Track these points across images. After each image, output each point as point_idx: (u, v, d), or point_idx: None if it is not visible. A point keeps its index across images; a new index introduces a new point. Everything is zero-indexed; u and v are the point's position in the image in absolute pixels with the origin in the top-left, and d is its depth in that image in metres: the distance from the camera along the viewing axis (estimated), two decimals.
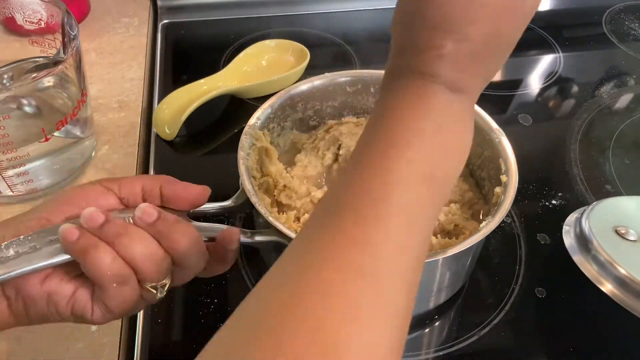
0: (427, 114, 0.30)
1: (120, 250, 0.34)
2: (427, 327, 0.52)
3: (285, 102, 0.56)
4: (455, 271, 0.49)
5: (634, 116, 0.75)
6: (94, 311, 0.36)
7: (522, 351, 0.50)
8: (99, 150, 0.65)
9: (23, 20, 0.58)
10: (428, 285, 0.48)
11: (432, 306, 0.51)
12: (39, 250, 0.34)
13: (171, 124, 0.66)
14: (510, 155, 0.50)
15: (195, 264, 0.38)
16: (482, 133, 0.52)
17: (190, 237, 0.36)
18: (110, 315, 0.36)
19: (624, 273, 0.47)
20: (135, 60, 0.77)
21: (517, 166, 0.49)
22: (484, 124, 0.52)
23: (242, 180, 0.46)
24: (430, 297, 0.50)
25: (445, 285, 0.49)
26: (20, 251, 0.34)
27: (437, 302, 0.51)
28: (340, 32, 0.85)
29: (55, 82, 0.57)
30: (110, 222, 0.34)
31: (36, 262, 0.34)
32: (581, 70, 0.82)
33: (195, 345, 0.48)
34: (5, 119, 0.51)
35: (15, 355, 0.47)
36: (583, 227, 0.51)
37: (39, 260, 0.34)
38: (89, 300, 0.35)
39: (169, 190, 0.39)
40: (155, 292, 0.36)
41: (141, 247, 0.34)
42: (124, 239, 0.34)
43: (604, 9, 0.94)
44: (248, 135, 0.51)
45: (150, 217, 0.35)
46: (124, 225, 0.35)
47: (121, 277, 0.34)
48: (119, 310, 0.35)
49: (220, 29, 0.86)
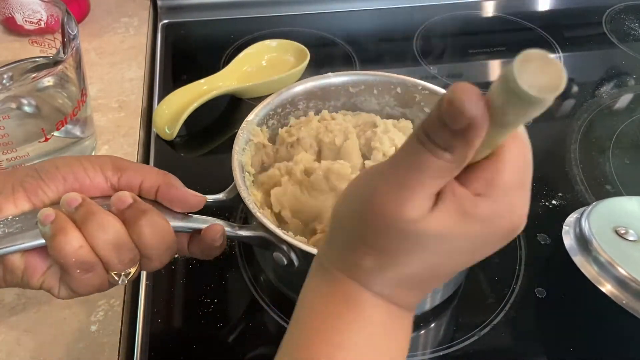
0: (354, 324, 0.29)
1: (87, 237, 0.35)
2: (426, 328, 0.52)
3: (286, 99, 0.56)
4: None
5: (634, 116, 0.75)
6: (60, 289, 0.37)
7: (522, 351, 0.50)
8: (99, 150, 0.65)
9: (23, 20, 0.58)
10: None
11: (428, 307, 0.51)
12: (24, 231, 0.35)
13: (171, 124, 0.66)
14: None
15: (159, 256, 0.38)
16: None
17: (157, 229, 0.36)
18: (75, 295, 0.37)
19: (624, 273, 0.47)
20: (135, 60, 0.77)
21: None
22: None
23: (234, 174, 0.47)
24: (426, 299, 0.50)
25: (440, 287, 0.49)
26: (7, 231, 0.35)
27: (432, 303, 0.51)
28: (340, 32, 0.85)
29: (55, 82, 0.56)
30: (83, 206, 0.35)
31: (20, 242, 0.35)
32: (581, 70, 0.82)
33: (195, 345, 0.48)
34: (5, 119, 0.51)
35: (15, 355, 0.47)
36: (583, 228, 0.51)
37: (23, 241, 0.35)
38: (57, 279, 0.37)
39: (164, 195, 0.39)
40: (117, 279, 0.37)
41: (106, 235, 0.35)
42: (91, 224, 0.34)
43: (604, 9, 0.94)
44: (245, 130, 0.51)
45: (123, 204, 0.36)
46: (93, 210, 0.35)
47: (86, 265, 0.35)
48: (84, 292, 0.37)
49: (220, 29, 0.86)
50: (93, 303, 0.50)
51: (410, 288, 0.29)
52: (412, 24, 0.87)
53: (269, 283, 0.53)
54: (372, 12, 0.90)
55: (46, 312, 0.50)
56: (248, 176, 0.50)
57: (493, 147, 0.26)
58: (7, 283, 0.37)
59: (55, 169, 0.37)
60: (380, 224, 0.27)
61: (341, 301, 0.29)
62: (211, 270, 0.54)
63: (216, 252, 0.42)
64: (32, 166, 0.38)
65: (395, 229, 0.26)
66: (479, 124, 0.23)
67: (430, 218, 0.26)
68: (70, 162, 0.38)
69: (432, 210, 0.26)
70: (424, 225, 0.26)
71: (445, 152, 0.25)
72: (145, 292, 0.52)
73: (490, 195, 0.26)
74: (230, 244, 0.56)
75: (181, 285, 0.53)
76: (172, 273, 0.53)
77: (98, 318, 0.49)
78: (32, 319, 0.49)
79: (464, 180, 0.27)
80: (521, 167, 0.27)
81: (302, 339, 0.30)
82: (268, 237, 0.44)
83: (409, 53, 0.82)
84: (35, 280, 0.36)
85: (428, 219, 0.26)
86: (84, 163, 0.38)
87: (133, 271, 0.37)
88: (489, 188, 0.26)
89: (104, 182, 0.38)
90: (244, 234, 0.44)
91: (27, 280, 0.36)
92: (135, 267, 0.37)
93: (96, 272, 0.35)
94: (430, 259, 0.27)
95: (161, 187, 0.39)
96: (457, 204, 0.26)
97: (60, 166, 0.37)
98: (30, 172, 0.37)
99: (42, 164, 0.38)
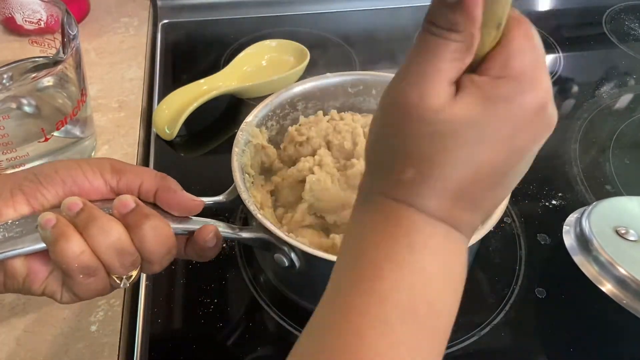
0: (401, 238, 0.27)
1: (89, 241, 0.34)
2: None
3: (285, 100, 0.56)
4: None
5: (634, 116, 0.75)
6: (62, 295, 0.37)
7: (522, 351, 0.50)
8: (99, 150, 0.65)
9: (23, 20, 0.58)
10: None
11: None
12: (24, 236, 0.35)
13: (171, 124, 0.66)
14: None
15: (160, 260, 0.38)
16: None
17: (159, 234, 0.36)
18: (77, 299, 0.37)
19: (624, 273, 0.47)
20: (135, 60, 0.77)
21: None
22: None
23: (235, 176, 0.47)
24: None
25: None
26: (7, 235, 0.35)
27: None
28: (340, 32, 0.85)
29: (55, 82, 0.56)
30: (84, 210, 0.35)
31: (20, 247, 0.35)
32: (581, 70, 0.82)
33: (195, 345, 0.48)
34: (5, 119, 0.51)
35: (15, 355, 0.47)
36: (583, 228, 0.51)
37: (24, 245, 0.35)
38: (60, 285, 0.37)
39: (162, 199, 0.39)
40: (119, 283, 0.37)
41: (109, 239, 0.34)
42: (93, 229, 0.34)
43: (604, 9, 0.94)
44: (244, 132, 0.51)
45: (126, 208, 0.36)
46: (95, 215, 0.35)
47: (88, 269, 0.35)
48: (86, 297, 0.37)
49: (220, 29, 0.86)
50: (93, 303, 0.50)
51: (462, 200, 0.28)
52: (412, 24, 0.87)
53: (269, 283, 0.53)
54: (372, 12, 0.90)
55: (46, 312, 0.50)
56: (248, 178, 0.50)
57: (497, 24, 0.27)
58: (8, 289, 0.36)
59: (54, 172, 0.37)
60: (408, 124, 0.27)
61: (388, 220, 0.28)
62: (211, 271, 0.53)
63: (210, 253, 0.41)
64: (31, 170, 0.37)
65: (423, 124, 0.26)
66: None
67: (454, 106, 0.26)
68: (69, 165, 0.38)
69: (454, 99, 0.26)
70: (449, 113, 0.26)
71: (452, 32, 0.26)
72: (145, 292, 0.52)
73: (508, 76, 0.27)
74: (230, 244, 0.56)
75: (181, 285, 0.53)
76: (172, 273, 0.53)
77: (98, 318, 0.49)
78: (32, 319, 0.49)
79: (480, 71, 0.27)
80: (533, 47, 0.27)
81: (350, 260, 0.28)
82: (269, 239, 0.44)
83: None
84: (37, 286, 0.36)
85: (452, 106, 0.26)
86: (83, 166, 0.38)
87: (134, 274, 0.37)
88: (505, 69, 0.27)
89: (103, 185, 0.38)
90: (245, 236, 0.44)
91: (28, 286, 0.36)
92: (136, 270, 0.37)
93: (98, 276, 0.35)
94: (470, 152, 0.27)
95: (159, 191, 0.39)
96: (477, 89, 0.27)
97: (59, 170, 0.37)
98: (28, 175, 0.37)
99: (40, 168, 0.38)
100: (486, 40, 0.27)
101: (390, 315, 0.26)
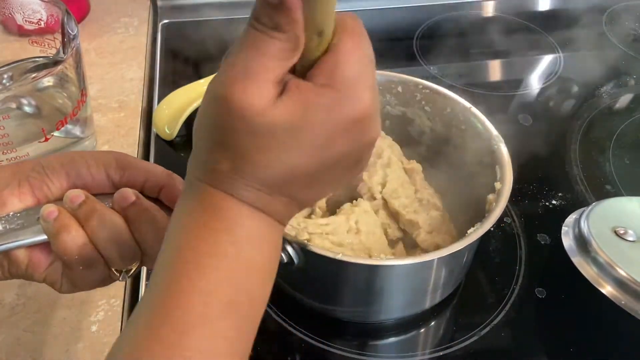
0: (222, 232, 0.28)
1: (89, 234, 0.35)
2: (426, 327, 0.52)
3: None
4: (448, 272, 0.49)
5: (634, 116, 0.75)
6: (62, 284, 0.37)
7: (522, 351, 0.50)
8: (99, 150, 0.65)
9: (23, 20, 0.58)
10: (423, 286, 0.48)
11: (427, 306, 0.51)
12: (26, 228, 0.35)
13: (171, 124, 0.66)
14: (506, 164, 0.49)
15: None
16: (482, 139, 0.52)
17: (159, 228, 0.36)
18: (77, 290, 0.37)
19: (623, 274, 0.47)
20: (135, 60, 0.77)
21: (512, 174, 0.48)
22: (484, 130, 0.52)
23: None
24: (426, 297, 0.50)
25: (441, 283, 0.49)
26: (9, 227, 0.35)
27: (432, 302, 0.51)
28: None
29: (55, 82, 0.56)
30: (86, 203, 0.35)
31: (21, 238, 0.35)
32: (581, 70, 0.82)
33: None
34: (5, 119, 0.51)
35: (15, 355, 0.47)
36: (582, 229, 0.51)
37: (25, 237, 0.35)
38: (60, 274, 0.37)
39: (168, 197, 0.39)
40: (118, 276, 0.37)
41: (108, 233, 0.35)
42: (93, 221, 0.35)
43: (604, 9, 0.94)
44: None
45: (126, 202, 0.36)
46: (96, 208, 0.35)
47: (88, 261, 0.35)
48: (86, 287, 0.37)
49: (220, 29, 0.86)
50: (93, 303, 0.50)
51: (277, 193, 0.29)
52: (412, 24, 0.87)
53: None
54: (372, 12, 0.90)
55: (46, 312, 0.50)
56: None
57: (317, 31, 0.27)
58: (13, 275, 0.37)
59: (59, 165, 0.37)
60: (228, 118, 0.27)
61: (207, 210, 0.29)
62: None
63: None
64: (38, 160, 0.38)
65: (243, 122, 0.27)
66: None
67: (275, 108, 0.27)
68: (74, 158, 0.38)
69: (277, 101, 0.27)
70: (270, 115, 0.27)
71: (276, 31, 0.26)
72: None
73: (332, 85, 0.27)
74: None
75: None
76: None
77: (98, 318, 0.50)
78: (32, 319, 0.49)
79: (308, 77, 0.28)
80: (360, 58, 0.28)
81: (172, 252, 0.29)
82: None
83: (409, 53, 0.82)
84: (39, 273, 0.37)
85: (273, 108, 0.27)
86: (89, 160, 0.38)
87: (134, 268, 0.37)
88: (330, 79, 0.27)
89: (106, 179, 0.38)
90: None
91: (31, 273, 0.37)
92: (136, 264, 0.37)
93: (98, 268, 0.36)
94: (285, 155, 0.27)
95: (165, 189, 0.39)
96: (301, 95, 0.27)
97: (64, 163, 0.38)
98: (36, 166, 0.37)
99: (47, 159, 0.38)
100: (310, 45, 0.27)
101: (213, 312, 0.27)
